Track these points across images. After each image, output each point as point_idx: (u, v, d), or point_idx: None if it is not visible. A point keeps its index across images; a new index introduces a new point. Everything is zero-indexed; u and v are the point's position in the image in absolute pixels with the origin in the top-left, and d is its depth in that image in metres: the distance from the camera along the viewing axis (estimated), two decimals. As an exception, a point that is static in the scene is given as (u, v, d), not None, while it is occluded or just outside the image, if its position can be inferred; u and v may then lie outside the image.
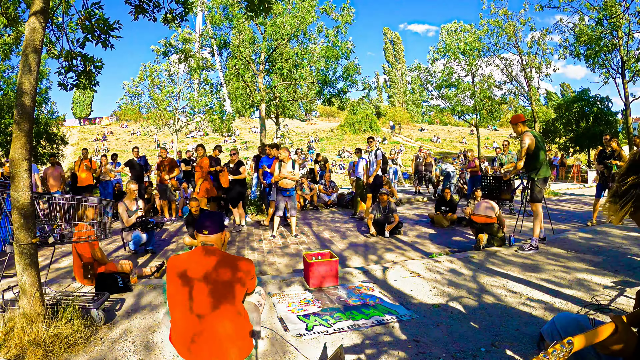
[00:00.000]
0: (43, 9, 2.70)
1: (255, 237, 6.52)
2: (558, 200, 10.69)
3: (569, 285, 3.55)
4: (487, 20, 17.37)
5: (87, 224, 3.45)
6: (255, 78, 12.15)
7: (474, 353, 2.39)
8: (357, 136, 38.85)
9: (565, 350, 1.00)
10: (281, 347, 2.54)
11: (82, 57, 3.77)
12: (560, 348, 1.00)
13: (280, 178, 6.17)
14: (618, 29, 14.13)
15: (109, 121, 48.46)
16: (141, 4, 3.77)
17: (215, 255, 1.90)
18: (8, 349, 2.40)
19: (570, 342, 1.02)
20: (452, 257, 4.67)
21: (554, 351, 0.99)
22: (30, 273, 2.61)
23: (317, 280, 3.73)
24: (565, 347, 1.00)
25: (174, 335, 1.91)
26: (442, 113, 24.42)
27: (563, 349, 1.00)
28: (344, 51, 11.76)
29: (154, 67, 16.82)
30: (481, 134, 25.52)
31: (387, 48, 65.36)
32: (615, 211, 1.04)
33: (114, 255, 5.45)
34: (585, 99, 21.36)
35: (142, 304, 3.33)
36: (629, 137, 14.89)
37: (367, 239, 6.17)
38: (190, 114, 17.77)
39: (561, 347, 1.00)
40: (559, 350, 1.00)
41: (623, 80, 15.17)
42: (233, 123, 17.73)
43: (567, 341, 1.02)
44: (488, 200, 5.61)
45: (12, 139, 2.62)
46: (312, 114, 50.69)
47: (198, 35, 12.24)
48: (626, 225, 6.25)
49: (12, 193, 2.60)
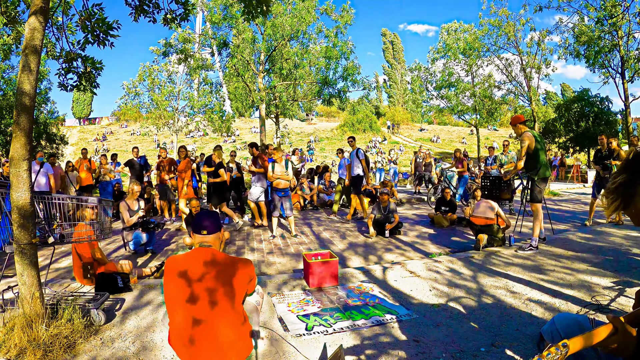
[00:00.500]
0: (43, 8, 2.70)
1: (255, 237, 6.52)
2: (558, 200, 10.69)
3: (569, 285, 3.55)
4: (487, 20, 17.38)
5: (86, 224, 3.45)
6: (255, 78, 12.16)
7: (474, 353, 2.39)
8: (357, 136, 38.85)
9: (560, 354, 1.00)
10: (281, 347, 2.54)
11: (82, 58, 3.77)
12: (555, 351, 0.99)
13: (274, 178, 6.19)
14: (618, 29, 14.13)
15: (109, 121, 48.44)
16: (141, 5, 3.78)
17: (214, 255, 1.89)
18: (8, 349, 2.40)
19: (565, 345, 1.01)
20: (452, 257, 4.67)
21: (548, 354, 0.99)
22: (30, 273, 2.61)
23: (317, 280, 3.73)
24: (560, 350, 1.00)
25: (172, 337, 1.91)
26: (442, 113, 24.43)
27: (558, 352, 0.99)
28: (344, 51, 11.77)
29: (153, 67, 16.82)
30: (481, 134, 25.54)
31: (387, 48, 65.40)
32: (605, 207, 1.13)
33: (114, 255, 5.44)
34: (585, 99, 21.37)
35: (142, 304, 3.33)
36: (629, 137, 14.90)
37: (367, 239, 6.17)
38: (190, 114, 17.78)
39: (556, 350, 1.00)
40: (554, 354, 0.99)
41: (623, 80, 15.18)
42: (233, 123, 17.73)
43: (562, 344, 1.01)
44: (488, 201, 5.61)
45: (12, 138, 2.62)
46: (312, 114, 50.70)
47: (198, 35, 12.24)
48: (626, 225, 6.26)
49: (12, 193, 2.60)
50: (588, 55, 15.40)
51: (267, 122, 12.76)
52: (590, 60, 15.46)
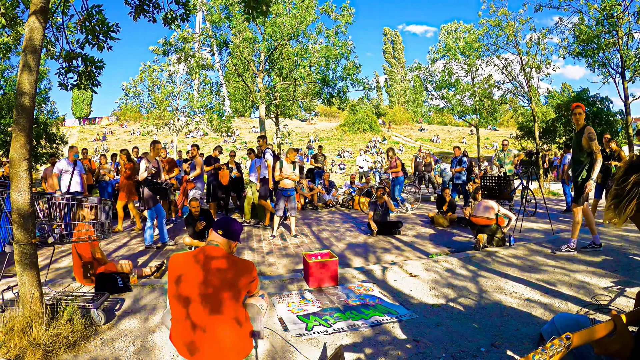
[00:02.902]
0: (43, 8, 2.69)
1: (254, 237, 6.51)
2: (558, 200, 10.68)
3: (569, 285, 3.55)
4: (487, 20, 17.37)
5: (86, 223, 3.45)
6: (255, 78, 12.16)
7: (474, 353, 2.39)
8: (357, 136, 38.85)
9: (563, 346, 1.00)
10: (281, 347, 2.54)
11: (83, 57, 3.77)
12: (558, 343, 1.00)
13: (281, 178, 6.20)
14: (618, 29, 14.12)
15: (109, 121, 48.39)
16: (141, 4, 3.77)
17: (219, 255, 1.90)
18: (8, 349, 2.40)
19: (569, 337, 1.02)
20: (451, 257, 4.67)
21: (552, 346, 1.00)
22: (30, 273, 2.61)
23: (316, 280, 3.73)
24: (564, 342, 1.00)
25: (174, 335, 1.91)
26: (441, 113, 24.43)
27: (561, 344, 1.00)
28: (343, 51, 11.77)
29: (153, 67, 16.82)
30: (481, 134, 25.54)
31: (387, 48, 65.36)
32: (619, 212, 1.04)
33: (114, 255, 5.44)
34: (585, 99, 21.36)
35: (142, 304, 3.33)
36: (629, 137, 14.89)
37: (367, 238, 6.17)
38: (190, 114, 17.78)
39: (559, 342, 1.00)
40: (557, 345, 1.00)
41: (623, 80, 15.17)
42: (233, 123, 17.72)
43: (565, 336, 1.02)
44: (488, 201, 5.61)
45: (12, 138, 2.62)
46: (311, 114, 50.70)
47: (198, 35, 12.24)
48: (625, 225, 6.25)
49: (11, 193, 2.59)
50: (588, 55, 15.40)
51: (267, 122, 12.76)
52: (590, 60, 15.45)
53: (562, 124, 21.46)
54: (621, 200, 1.03)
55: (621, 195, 1.03)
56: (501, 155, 8.79)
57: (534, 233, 6.20)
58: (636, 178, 1.01)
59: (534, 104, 16.95)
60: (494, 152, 9.60)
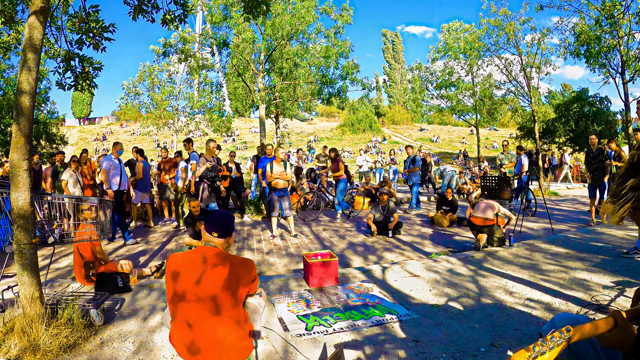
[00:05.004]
0: (43, 8, 2.69)
1: (254, 237, 6.51)
2: (558, 200, 10.69)
3: (569, 285, 3.55)
4: (487, 19, 17.35)
5: (87, 223, 3.45)
6: (255, 78, 12.16)
7: (474, 353, 2.39)
8: (357, 136, 38.82)
9: (564, 338, 1.01)
10: (281, 347, 2.54)
11: (80, 58, 3.77)
12: (559, 335, 1.01)
13: (273, 179, 6.20)
14: (618, 29, 14.11)
15: (109, 121, 48.41)
16: (140, 5, 3.77)
17: (218, 255, 1.89)
18: (8, 349, 2.40)
19: (569, 330, 1.02)
20: (452, 257, 4.67)
21: (552, 338, 1.00)
22: (29, 273, 2.60)
23: (317, 280, 3.73)
24: (564, 335, 1.01)
25: (173, 335, 1.91)
26: (442, 113, 24.41)
27: (562, 336, 1.01)
28: (343, 51, 11.76)
29: (153, 67, 16.82)
30: (481, 134, 25.52)
31: (387, 49, 65.36)
32: (613, 212, 1.07)
33: (114, 255, 5.44)
34: (584, 99, 21.35)
35: (142, 304, 3.33)
36: (629, 137, 14.88)
37: (366, 238, 6.17)
38: (190, 114, 17.77)
39: (560, 334, 1.01)
40: (558, 337, 1.00)
41: (623, 80, 15.15)
42: (233, 123, 17.71)
43: (565, 329, 1.03)
44: (488, 201, 5.60)
45: (11, 138, 2.62)
46: (311, 113, 50.71)
47: (198, 35, 12.23)
48: (626, 225, 6.25)
49: (11, 193, 2.59)
50: (588, 55, 15.38)
51: (267, 122, 12.75)
52: (591, 60, 15.44)
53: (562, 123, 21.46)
54: (616, 201, 1.06)
55: (618, 195, 1.06)
56: (501, 156, 8.82)
57: (534, 233, 6.21)
58: (633, 183, 1.02)
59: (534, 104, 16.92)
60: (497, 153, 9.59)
